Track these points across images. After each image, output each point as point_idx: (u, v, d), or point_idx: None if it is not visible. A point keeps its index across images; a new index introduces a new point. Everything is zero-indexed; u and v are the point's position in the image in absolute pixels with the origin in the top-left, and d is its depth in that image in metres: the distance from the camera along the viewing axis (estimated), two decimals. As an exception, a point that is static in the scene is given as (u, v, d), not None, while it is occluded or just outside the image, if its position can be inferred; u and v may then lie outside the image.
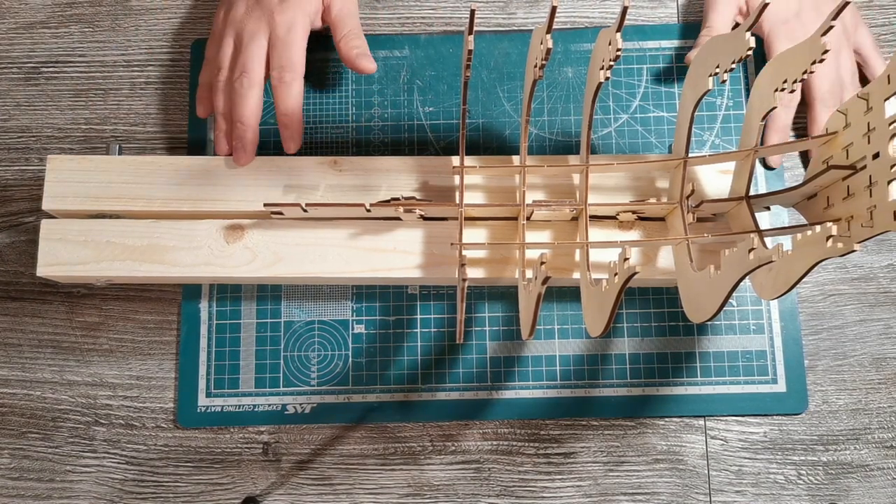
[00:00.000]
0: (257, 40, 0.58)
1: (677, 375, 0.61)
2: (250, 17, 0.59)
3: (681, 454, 0.60)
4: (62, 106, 0.67)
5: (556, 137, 0.65)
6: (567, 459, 0.61)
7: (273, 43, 0.58)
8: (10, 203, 0.65)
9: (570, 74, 0.66)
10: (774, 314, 0.61)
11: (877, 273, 0.62)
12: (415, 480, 0.61)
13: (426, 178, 0.58)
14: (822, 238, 0.39)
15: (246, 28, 0.59)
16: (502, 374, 0.61)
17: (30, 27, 0.68)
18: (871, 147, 0.44)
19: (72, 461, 0.61)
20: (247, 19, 0.59)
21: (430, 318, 0.62)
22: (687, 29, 0.66)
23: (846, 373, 0.61)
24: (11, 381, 0.63)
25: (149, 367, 0.62)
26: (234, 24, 0.60)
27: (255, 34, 0.58)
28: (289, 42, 0.58)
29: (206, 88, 0.62)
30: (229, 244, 0.58)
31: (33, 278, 0.63)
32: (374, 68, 0.61)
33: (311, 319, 0.62)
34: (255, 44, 0.58)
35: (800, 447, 0.60)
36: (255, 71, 0.58)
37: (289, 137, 0.59)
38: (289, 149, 0.59)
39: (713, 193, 0.57)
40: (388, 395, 0.61)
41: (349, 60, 0.61)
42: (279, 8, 0.59)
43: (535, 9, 0.67)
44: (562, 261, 0.56)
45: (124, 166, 0.59)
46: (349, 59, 0.61)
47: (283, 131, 0.59)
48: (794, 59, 0.46)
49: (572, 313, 0.62)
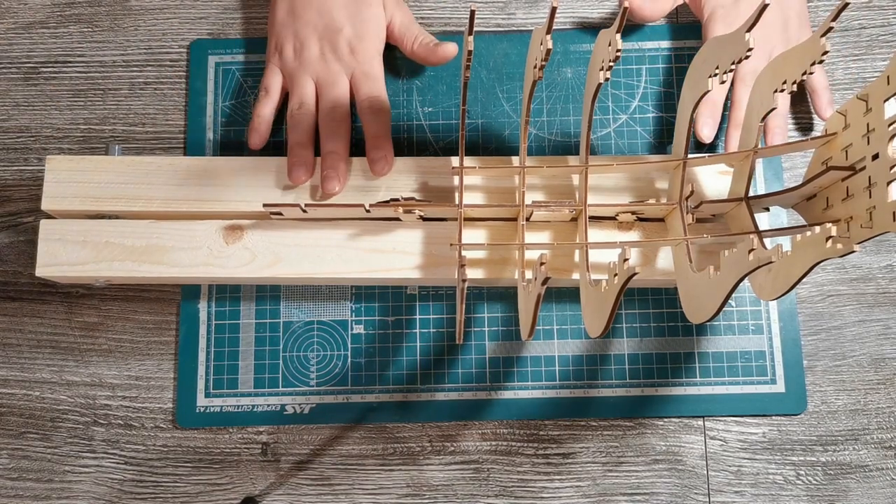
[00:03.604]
0: (342, 80, 0.61)
1: (676, 376, 0.61)
2: (327, 60, 0.61)
3: (680, 454, 0.60)
4: (61, 106, 0.67)
5: (556, 138, 0.65)
6: (566, 460, 0.61)
7: (357, 78, 0.61)
8: (8, 203, 0.65)
9: (570, 75, 0.66)
10: (773, 315, 0.61)
11: (875, 274, 0.62)
12: (414, 481, 0.61)
13: (425, 179, 0.58)
14: (822, 239, 0.39)
15: (329, 70, 0.61)
16: (501, 374, 0.61)
17: (29, 27, 0.68)
18: (871, 148, 0.44)
19: (71, 461, 0.61)
20: (324, 62, 0.61)
21: (429, 318, 0.62)
22: (685, 30, 0.66)
23: (845, 373, 0.61)
24: (10, 381, 0.63)
25: (148, 367, 0.62)
26: (311, 65, 0.61)
27: (338, 74, 0.61)
28: (372, 76, 0.61)
29: (265, 120, 0.63)
30: (228, 245, 0.58)
31: (32, 278, 0.63)
32: (455, 48, 0.62)
33: (311, 320, 0.62)
34: (341, 83, 0.61)
35: (799, 448, 0.60)
36: (344, 108, 0.61)
37: (382, 160, 0.58)
38: (379, 173, 0.58)
39: (712, 194, 0.57)
40: (388, 396, 0.61)
41: (429, 55, 0.62)
42: (356, 48, 0.61)
43: (534, 9, 0.67)
44: (561, 261, 0.56)
45: (123, 167, 0.59)
46: (429, 54, 0.62)
47: (375, 153, 0.59)
48: (792, 60, 0.46)
49: (572, 314, 0.62)
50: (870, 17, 0.66)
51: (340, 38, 0.61)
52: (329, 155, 0.58)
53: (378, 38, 0.62)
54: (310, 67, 0.61)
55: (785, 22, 0.61)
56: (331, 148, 0.59)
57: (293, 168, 0.58)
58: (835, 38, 0.66)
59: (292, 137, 0.60)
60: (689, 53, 0.65)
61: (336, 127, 0.60)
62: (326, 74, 0.61)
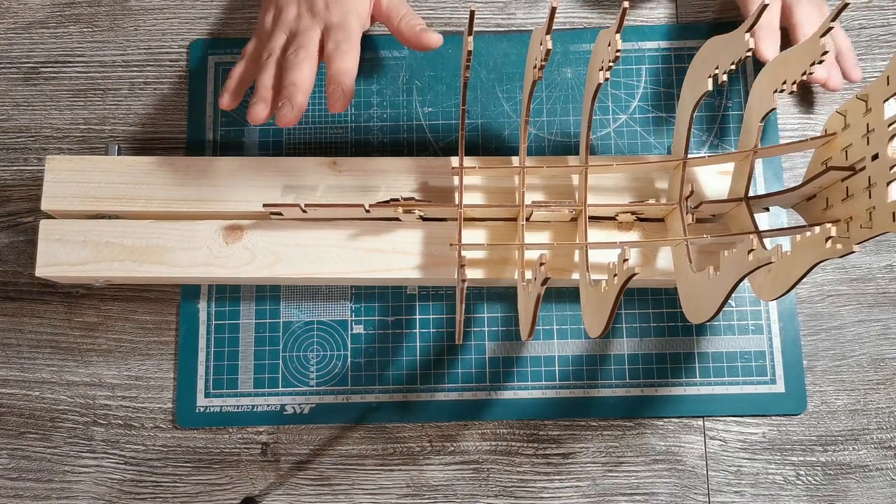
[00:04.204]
0: (313, 29, 0.58)
1: (676, 376, 0.61)
2: (303, 18, 0.58)
3: (679, 454, 0.60)
4: (61, 106, 0.67)
5: (556, 138, 0.65)
6: (566, 460, 0.61)
7: (329, 29, 0.57)
8: (8, 203, 0.65)
9: (570, 75, 0.66)
10: (773, 315, 0.61)
11: (875, 274, 0.62)
12: (413, 481, 0.61)
13: (425, 179, 0.58)
14: (821, 239, 0.39)
15: (300, 25, 0.58)
16: (501, 374, 0.61)
17: (29, 27, 0.68)
18: (871, 148, 0.44)
19: (70, 461, 0.61)
20: (299, 19, 0.58)
21: (428, 318, 0.62)
22: (685, 30, 0.66)
23: (845, 373, 0.61)
24: (10, 381, 0.63)
25: (147, 367, 0.62)
26: (286, 23, 0.59)
27: (309, 26, 0.58)
28: (344, 26, 0.57)
29: (239, 80, 0.60)
30: (228, 245, 0.58)
31: (32, 278, 0.63)
32: (440, 40, 0.59)
33: (310, 320, 0.62)
34: (312, 31, 0.57)
35: (798, 448, 0.60)
36: (312, 47, 0.57)
37: (339, 96, 0.55)
38: (334, 108, 0.55)
39: (712, 194, 0.57)
40: (387, 396, 0.61)
41: (413, 38, 0.59)
42: (332, 9, 0.58)
43: (534, 9, 0.67)
44: (561, 262, 0.56)
45: (123, 167, 0.59)
46: (412, 36, 0.59)
47: (333, 89, 0.55)
48: (793, 60, 0.46)
49: (571, 314, 0.62)
50: (870, 17, 0.66)
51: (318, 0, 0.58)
52: (287, 87, 0.55)
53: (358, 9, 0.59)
54: (284, 25, 0.59)
55: None
56: (291, 80, 0.55)
57: (252, 106, 0.55)
58: (835, 38, 0.66)
59: (258, 80, 0.57)
60: (689, 53, 0.65)
61: (297, 62, 0.56)
62: (297, 27, 0.58)
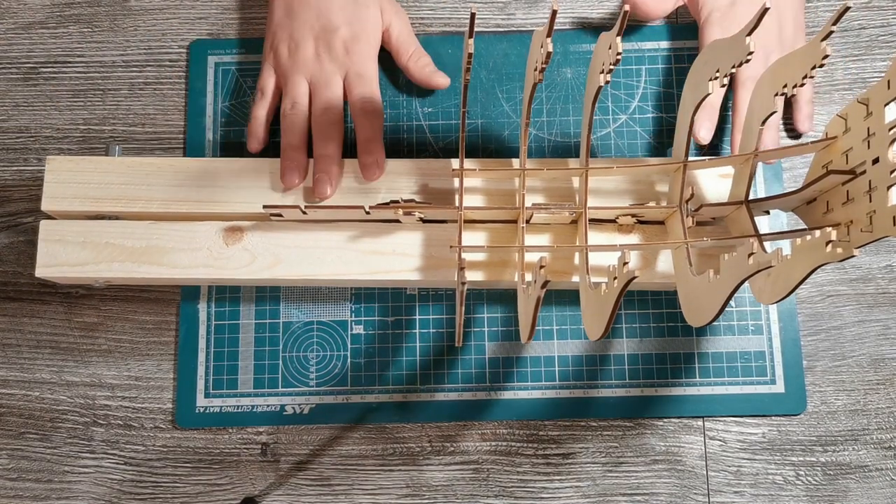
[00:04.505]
0: (335, 80, 0.61)
1: (676, 376, 0.61)
2: (321, 60, 0.61)
3: (679, 455, 0.61)
4: (61, 106, 0.66)
5: (556, 138, 0.65)
6: (566, 460, 0.61)
7: (351, 78, 0.61)
8: (8, 203, 0.65)
9: (570, 75, 0.65)
10: (773, 315, 0.61)
11: (875, 274, 0.62)
12: (413, 481, 0.61)
13: (425, 181, 0.58)
14: (822, 243, 0.39)
15: (322, 70, 0.60)
16: (501, 374, 0.61)
17: (28, 27, 0.68)
18: (871, 152, 0.44)
19: (70, 462, 0.61)
20: (318, 62, 0.61)
21: (428, 318, 0.62)
22: (685, 30, 0.66)
23: (845, 374, 0.61)
24: (10, 381, 0.63)
25: (147, 367, 0.62)
26: (305, 65, 0.61)
27: (332, 74, 0.61)
28: (367, 77, 0.61)
29: (262, 123, 0.63)
30: (228, 246, 0.58)
31: (32, 279, 0.63)
32: (448, 82, 0.64)
33: (310, 320, 0.62)
34: (334, 84, 0.60)
35: (798, 448, 0.60)
36: (338, 105, 0.60)
37: (374, 165, 0.58)
38: (373, 177, 0.58)
39: (713, 197, 0.57)
40: (387, 396, 0.61)
41: (423, 79, 0.64)
42: (351, 49, 0.61)
43: (534, 9, 0.67)
44: (561, 264, 0.56)
45: (123, 167, 0.59)
46: (422, 77, 0.64)
47: (366, 158, 0.58)
48: (793, 64, 0.46)
49: (571, 314, 0.62)
50: (869, 18, 0.66)
51: (336, 38, 0.61)
52: (321, 158, 0.58)
53: (374, 40, 0.62)
54: (304, 67, 0.61)
55: (780, 26, 0.60)
56: (323, 151, 0.58)
57: (285, 172, 0.58)
58: (834, 39, 0.66)
59: (285, 140, 0.59)
60: (689, 54, 0.65)
61: (329, 129, 0.59)
62: (320, 74, 0.61)
